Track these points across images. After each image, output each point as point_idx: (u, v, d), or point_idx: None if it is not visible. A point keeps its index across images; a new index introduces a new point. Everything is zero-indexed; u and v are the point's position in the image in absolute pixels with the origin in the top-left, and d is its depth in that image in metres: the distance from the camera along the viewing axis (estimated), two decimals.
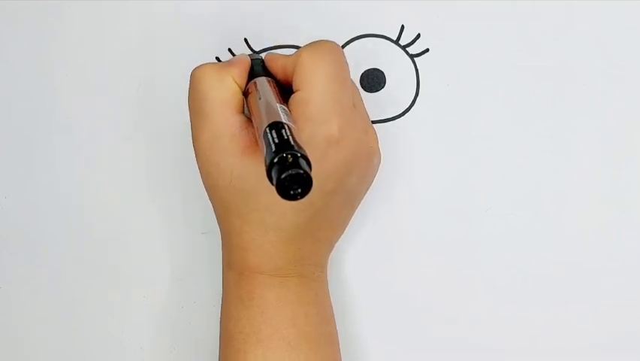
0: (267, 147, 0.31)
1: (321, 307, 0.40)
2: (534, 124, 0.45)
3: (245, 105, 0.39)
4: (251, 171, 0.37)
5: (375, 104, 0.45)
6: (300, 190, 0.30)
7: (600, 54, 0.45)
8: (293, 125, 0.34)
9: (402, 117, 0.45)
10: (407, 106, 0.45)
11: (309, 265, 0.39)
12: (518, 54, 0.45)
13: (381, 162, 0.44)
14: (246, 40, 0.46)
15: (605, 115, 0.44)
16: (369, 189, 0.42)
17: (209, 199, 0.40)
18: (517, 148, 0.45)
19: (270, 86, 0.39)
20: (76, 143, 0.46)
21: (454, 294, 0.44)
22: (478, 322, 0.44)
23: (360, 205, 0.42)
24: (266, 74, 0.40)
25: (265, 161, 0.31)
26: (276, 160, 0.30)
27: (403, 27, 0.45)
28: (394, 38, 0.45)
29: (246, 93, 0.39)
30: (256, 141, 0.37)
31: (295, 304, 0.38)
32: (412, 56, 0.45)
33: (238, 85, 0.39)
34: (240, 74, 0.39)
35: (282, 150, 0.30)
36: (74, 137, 0.46)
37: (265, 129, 0.32)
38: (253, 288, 0.38)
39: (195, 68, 0.39)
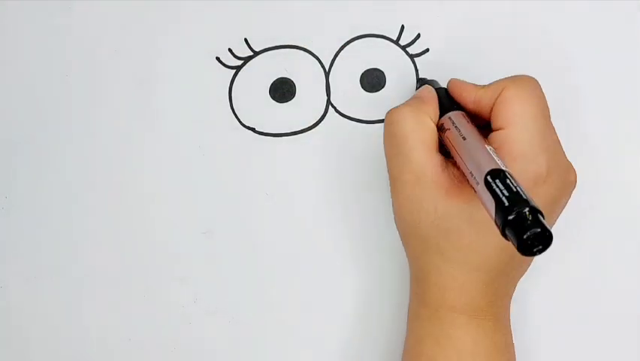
0: (495, 200, 0.30)
1: (510, 354, 0.39)
2: None
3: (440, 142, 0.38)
4: (456, 211, 0.36)
5: (375, 104, 0.45)
6: (541, 247, 0.29)
7: (600, 54, 0.45)
8: (509, 171, 0.33)
9: None
10: None
11: (501, 306, 0.39)
12: (518, 54, 0.45)
13: (381, 161, 0.44)
14: (246, 40, 0.46)
15: (605, 115, 0.44)
16: None
17: (403, 237, 0.39)
18: None
19: (467, 122, 0.38)
20: (76, 143, 0.46)
21: None
22: None
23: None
24: (454, 105, 0.39)
25: (495, 217, 0.30)
26: (512, 218, 0.29)
27: (403, 27, 0.45)
28: (394, 38, 0.45)
29: (440, 129, 0.38)
30: (458, 181, 0.36)
31: (490, 348, 0.38)
32: (411, 56, 0.45)
33: (434, 122, 0.38)
34: (433, 110, 0.39)
35: (516, 206, 0.29)
36: (74, 137, 0.46)
37: (486, 178, 0.32)
38: (450, 328, 0.37)
39: (392, 112, 0.38)
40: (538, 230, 0.28)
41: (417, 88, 0.43)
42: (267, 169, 0.45)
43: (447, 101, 0.40)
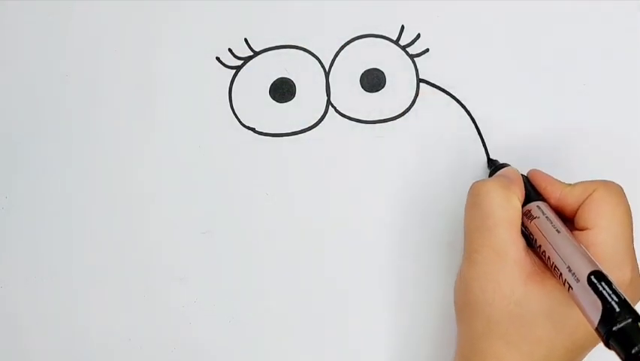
0: (602, 303, 0.30)
1: None
2: (534, 123, 0.45)
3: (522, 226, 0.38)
4: (535, 300, 0.35)
5: (375, 104, 0.45)
6: None
7: (600, 54, 0.45)
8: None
9: (402, 117, 0.45)
10: (407, 106, 0.45)
11: None
12: (518, 54, 0.45)
13: (381, 161, 0.44)
14: (246, 40, 0.46)
15: (605, 114, 0.44)
16: None
17: (464, 313, 0.38)
18: (517, 148, 0.45)
19: (556, 216, 0.37)
20: (76, 143, 0.46)
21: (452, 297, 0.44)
22: None
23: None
24: (537, 193, 0.39)
25: (602, 320, 0.29)
26: (621, 327, 0.28)
27: (403, 27, 0.45)
28: (394, 38, 0.45)
29: (526, 214, 0.38)
30: (539, 269, 0.36)
31: None
32: (411, 56, 0.45)
33: (520, 204, 0.38)
34: (521, 192, 0.38)
35: (628, 314, 0.28)
36: (74, 137, 0.46)
37: (590, 278, 0.31)
38: None
39: (479, 183, 0.38)
40: None
41: (490, 172, 0.43)
42: (267, 169, 0.45)
43: (531, 189, 0.39)
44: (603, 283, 0.30)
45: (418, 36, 0.45)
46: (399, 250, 0.44)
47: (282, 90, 0.45)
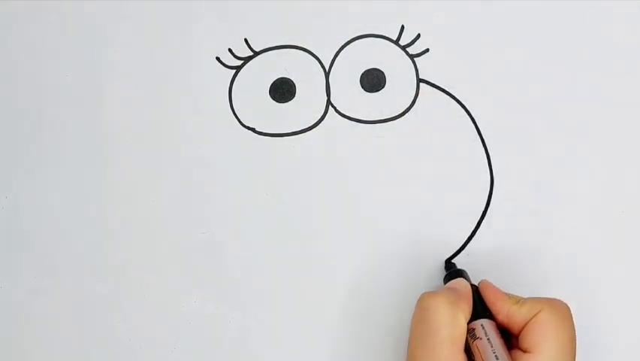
0: None
1: None
2: (534, 123, 0.45)
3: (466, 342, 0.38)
4: None
5: (375, 104, 0.45)
6: None
7: (600, 54, 0.45)
8: None
9: (402, 117, 0.45)
10: (407, 106, 0.45)
11: None
12: (518, 54, 0.45)
13: (381, 161, 0.44)
14: (246, 40, 0.46)
15: (605, 114, 0.44)
16: None
17: None
18: (517, 148, 0.45)
19: (497, 336, 0.37)
20: (76, 142, 0.46)
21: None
22: None
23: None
24: (484, 308, 0.39)
25: None
26: None
27: (403, 27, 0.45)
28: (394, 38, 0.45)
29: (470, 331, 0.38)
30: None
31: None
32: (411, 56, 0.45)
33: (466, 321, 0.38)
34: (468, 309, 0.38)
35: None
36: (74, 136, 0.46)
37: None
38: None
39: (428, 296, 0.38)
40: None
41: (445, 270, 0.43)
42: (267, 169, 0.45)
43: (479, 303, 0.39)
44: None
45: (418, 36, 0.45)
46: (398, 250, 0.44)
47: (282, 90, 0.45)
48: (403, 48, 0.45)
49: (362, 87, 0.45)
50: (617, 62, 0.45)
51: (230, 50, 0.46)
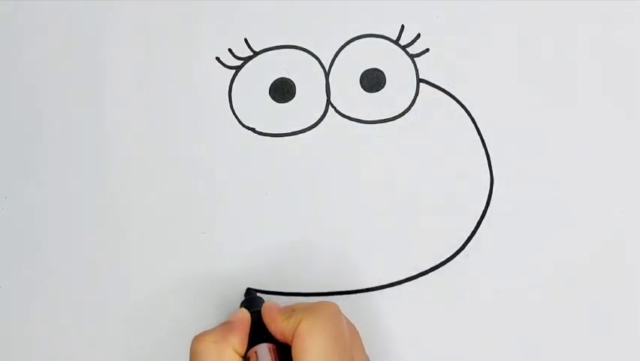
0: None
1: None
2: (534, 123, 0.45)
3: None
4: None
5: (375, 104, 0.45)
6: None
7: (600, 54, 0.45)
8: None
9: (402, 117, 0.45)
10: (407, 106, 0.45)
11: None
12: (518, 54, 0.45)
13: (381, 161, 0.44)
14: (246, 40, 0.46)
15: (605, 115, 0.45)
16: None
17: None
18: (517, 148, 0.45)
19: (271, 357, 0.37)
20: (76, 142, 0.46)
21: (453, 298, 0.44)
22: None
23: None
24: (264, 332, 0.39)
25: None
26: None
27: (403, 27, 0.45)
28: (394, 38, 0.45)
29: (246, 359, 0.38)
30: None
31: None
32: (411, 56, 0.45)
33: (239, 354, 0.37)
34: (240, 341, 0.38)
35: None
36: (74, 136, 0.46)
37: None
38: None
39: (196, 340, 0.37)
40: None
41: (242, 300, 0.43)
42: (267, 169, 0.45)
43: (259, 328, 0.39)
44: None
45: (418, 36, 0.45)
46: (398, 250, 0.44)
47: (282, 90, 0.45)
48: (403, 48, 0.45)
49: (362, 87, 0.45)
50: (617, 62, 0.45)
51: (230, 50, 0.46)
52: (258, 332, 0.38)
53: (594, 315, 0.44)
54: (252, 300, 0.42)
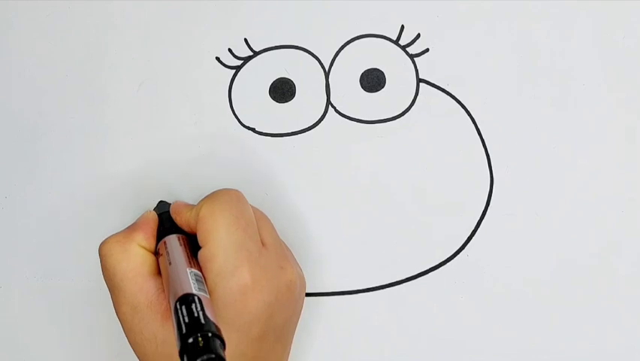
0: (177, 327, 0.31)
1: None
2: (534, 123, 0.45)
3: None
4: (172, 337, 0.35)
5: (375, 104, 0.45)
6: None
7: (600, 54, 0.45)
8: (204, 294, 0.34)
9: (402, 117, 0.45)
10: (407, 106, 0.45)
11: None
12: (518, 54, 0.45)
13: (381, 161, 0.44)
14: (246, 40, 0.46)
15: (605, 115, 0.44)
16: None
17: None
18: (517, 148, 0.45)
19: (180, 244, 0.38)
20: (77, 143, 0.46)
21: (453, 298, 0.44)
22: (474, 325, 0.44)
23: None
24: (173, 227, 0.40)
25: (177, 342, 0.30)
26: (187, 344, 0.30)
27: (402, 27, 0.45)
28: (394, 38, 0.45)
29: (157, 254, 0.39)
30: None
31: None
32: (411, 56, 0.45)
33: (146, 248, 0.39)
34: (145, 236, 0.39)
35: (192, 333, 0.30)
36: (74, 136, 0.46)
37: (175, 305, 0.32)
38: None
39: (101, 244, 0.39)
40: (212, 356, 0.29)
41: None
42: (267, 169, 0.45)
43: (169, 224, 0.40)
44: (183, 307, 0.32)
45: (418, 36, 0.45)
46: (398, 250, 0.44)
47: (282, 90, 0.45)
48: (403, 48, 0.45)
49: (362, 87, 0.45)
50: (617, 62, 0.45)
51: (230, 50, 0.46)
52: (168, 229, 0.40)
53: (594, 315, 0.44)
54: (161, 206, 0.43)
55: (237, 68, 0.46)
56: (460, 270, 0.44)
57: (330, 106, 0.45)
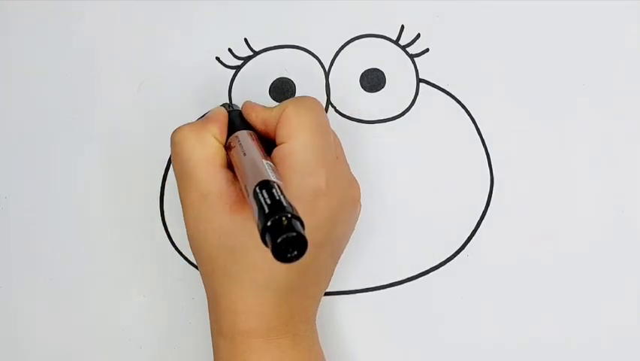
0: (258, 209, 0.31)
1: None
2: (534, 123, 0.45)
3: (229, 160, 0.39)
4: (239, 228, 0.36)
5: (375, 104, 0.45)
6: (296, 253, 0.29)
7: (600, 54, 0.45)
8: (281, 183, 0.34)
9: (402, 117, 0.45)
10: (407, 106, 0.45)
11: (301, 322, 0.38)
12: (518, 54, 0.45)
13: (381, 161, 0.44)
14: (246, 40, 0.46)
15: (605, 115, 0.45)
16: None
17: (197, 260, 0.39)
18: (517, 148, 0.45)
19: (253, 139, 0.38)
20: (77, 142, 0.46)
21: (453, 298, 0.44)
22: (479, 322, 0.44)
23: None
24: (245, 126, 0.40)
25: (257, 224, 0.30)
26: (270, 223, 0.30)
27: (402, 27, 0.45)
28: (394, 38, 0.45)
29: (228, 147, 0.39)
30: (244, 197, 0.36)
31: None
32: (411, 56, 0.45)
33: (219, 141, 0.39)
34: (219, 129, 0.39)
35: (275, 213, 0.30)
36: (74, 136, 0.46)
37: (255, 189, 0.32)
38: (248, 356, 0.37)
39: (174, 132, 0.38)
40: (293, 235, 0.29)
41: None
42: None
43: (239, 121, 0.40)
44: (264, 191, 0.32)
45: (418, 36, 0.45)
46: (398, 250, 0.44)
47: (282, 90, 0.45)
48: (403, 48, 0.45)
49: (362, 87, 0.45)
50: (617, 62, 0.45)
51: (230, 50, 0.46)
52: (237, 126, 0.40)
53: (594, 315, 0.44)
54: (230, 104, 0.43)
55: (237, 68, 0.46)
56: (460, 270, 0.44)
57: (330, 106, 0.45)
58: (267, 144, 0.39)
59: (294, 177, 0.36)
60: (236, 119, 0.41)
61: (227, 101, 0.45)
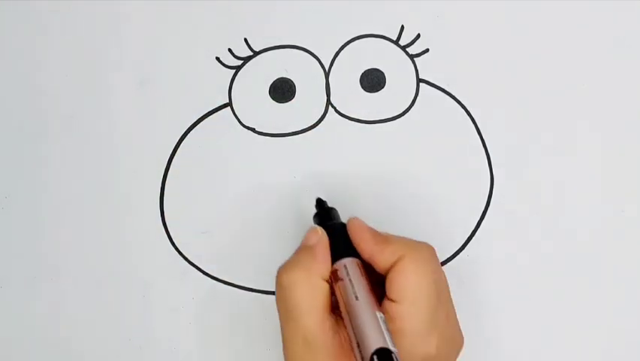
0: None
1: None
2: (534, 123, 0.45)
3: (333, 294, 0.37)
4: None
5: (375, 104, 0.45)
6: None
7: (600, 54, 0.45)
8: (396, 351, 0.33)
9: (402, 117, 0.45)
10: (407, 106, 0.45)
11: None
12: (518, 54, 0.45)
13: (381, 161, 0.44)
14: (246, 40, 0.46)
15: (604, 114, 0.45)
16: None
17: None
18: (517, 148, 0.45)
19: (362, 274, 0.36)
20: (77, 142, 0.46)
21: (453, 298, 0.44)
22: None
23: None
24: (348, 246, 0.38)
25: None
26: None
27: (402, 27, 0.45)
28: (394, 38, 0.45)
29: (333, 274, 0.37)
30: (348, 347, 0.35)
31: None
32: (411, 56, 0.45)
33: (326, 281, 0.37)
34: (325, 265, 0.37)
35: None
36: (74, 136, 0.46)
37: (373, 357, 0.32)
38: None
39: (282, 273, 0.37)
40: None
41: (315, 213, 0.41)
42: (267, 169, 0.45)
43: (343, 241, 0.38)
44: None
45: (418, 36, 0.45)
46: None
47: (282, 90, 0.45)
48: (403, 48, 0.45)
49: (362, 87, 0.45)
50: (617, 62, 0.45)
51: (230, 50, 0.46)
52: (341, 246, 0.38)
53: (594, 314, 0.44)
54: (325, 210, 0.41)
55: (237, 68, 0.46)
56: (460, 270, 0.44)
57: (330, 106, 0.45)
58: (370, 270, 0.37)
59: (403, 342, 0.35)
60: (339, 237, 0.38)
61: (320, 197, 0.42)
